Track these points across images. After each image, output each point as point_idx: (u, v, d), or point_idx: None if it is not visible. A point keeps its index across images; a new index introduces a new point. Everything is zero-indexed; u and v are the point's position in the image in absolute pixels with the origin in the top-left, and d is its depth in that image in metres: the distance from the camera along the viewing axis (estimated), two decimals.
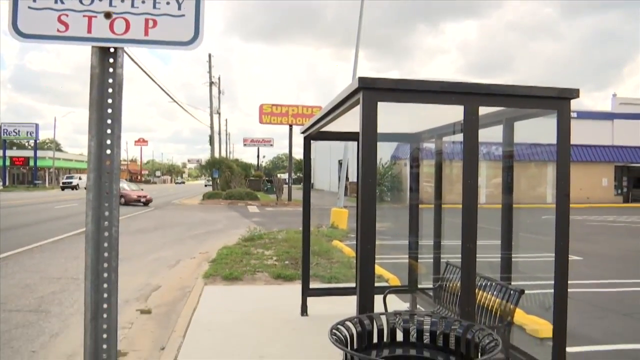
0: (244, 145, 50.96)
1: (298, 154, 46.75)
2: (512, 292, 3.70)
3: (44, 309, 6.36)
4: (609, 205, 31.15)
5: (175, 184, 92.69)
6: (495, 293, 3.87)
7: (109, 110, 2.33)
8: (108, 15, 2.29)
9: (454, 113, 3.38)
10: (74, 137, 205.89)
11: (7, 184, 55.93)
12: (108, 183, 2.33)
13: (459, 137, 3.16)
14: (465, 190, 3.05)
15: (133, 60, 22.88)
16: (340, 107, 3.55)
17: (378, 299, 3.80)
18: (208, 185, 48.35)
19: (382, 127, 2.93)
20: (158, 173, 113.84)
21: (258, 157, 65.28)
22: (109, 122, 2.33)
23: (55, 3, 2.26)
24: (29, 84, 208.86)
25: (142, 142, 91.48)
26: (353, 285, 5.90)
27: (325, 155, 47.73)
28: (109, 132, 2.33)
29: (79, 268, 8.45)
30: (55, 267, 9.18)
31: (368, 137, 2.90)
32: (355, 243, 5.45)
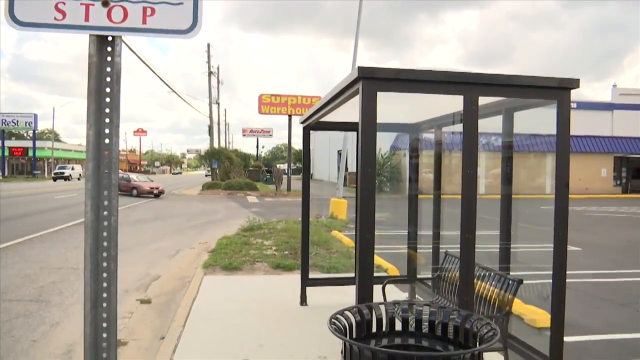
0: (243, 136, 50.81)
1: (297, 145, 46.68)
2: (510, 282, 3.71)
3: (45, 299, 6.38)
4: (608, 196, 31.20)
5: (172, 175, 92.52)
6: (494, 283, 3.88)
7: (107, 100, 2.32)
8: (105, 4, 2.27)
9: (454, 103, 3.37)
10: (73, 127, 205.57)
11: (6, 175, 55.82)
12: (107, 172, 2.32)
13: (459, 127, 3.16)
14: (465, 181, 3.05)
15: (131, 50, 22.79)
16: (340, 97, 3.54)
17: (377, 289, 3.82)
18: (208, 176, 48.31)
19: (381, 117, 2.93)
20: (157, 163, 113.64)
21: (257, 147, 65.38)
22: (107, 111, 2.32)
23: None
24: (27, 74, 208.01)
25: (141, 132, 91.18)
26: (352, 275, 5.92)
27: (325, 146, 47.66)
28: (108, 121, 2.32)
29: (79, 258, 8.47)
30: (55, 257, 9.20)
31: (367, 127, 2.89)
32: (355, 233, 5.47)
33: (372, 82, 2.90)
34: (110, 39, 2.32)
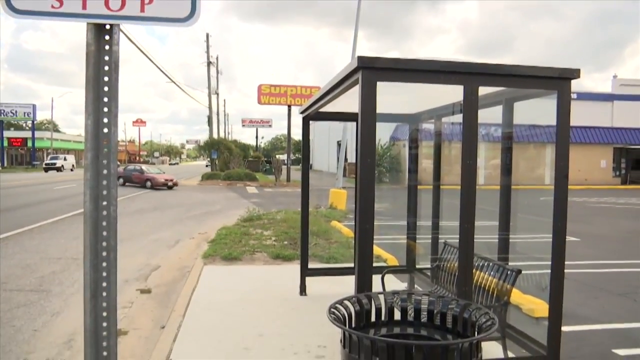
0: (243, 126, 50.70)
1: (297, 135, 46.49)
2: (509, 272, 3.73)
3: (45, 289, 6.41)
4: (607, 187, 31.23)
5: (170, 165, 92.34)
6: (493, 273, 3.90)
7: (106, 89, 2.30)
8: None
9: (454, 93, 3.35)
10: (72, 118, 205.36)
11: (5, 165, 55.71)
12: (106, 162, 2.32)
13: (458, 117, 3.15)
14: (464, 171, 3.05)
15: (130, 40, 22.61)
16: (340, 87, 3.52)
17: (376, 279, 3.83)
18: (208, 166, 48.25)
19: (381, 107, 2.91)
20: (156, 154, 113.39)
21: (257, 137, 65.16)
22: (106, 100, 2.31)
23: None
24: (25, 64, 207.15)
25: (140, 122, 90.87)
26: (351, 265, 5.94)
27: (324, 136, 47.60)
28: (106, 110, 2.31)
29: (79, 248, 8.49)
30: (55, 247, 9.22)
31: (367, 117, 2.88)
32: (354, 223, 5.48)
33: (371, 71, 2.88)
34: (108, 28, 2.30)
